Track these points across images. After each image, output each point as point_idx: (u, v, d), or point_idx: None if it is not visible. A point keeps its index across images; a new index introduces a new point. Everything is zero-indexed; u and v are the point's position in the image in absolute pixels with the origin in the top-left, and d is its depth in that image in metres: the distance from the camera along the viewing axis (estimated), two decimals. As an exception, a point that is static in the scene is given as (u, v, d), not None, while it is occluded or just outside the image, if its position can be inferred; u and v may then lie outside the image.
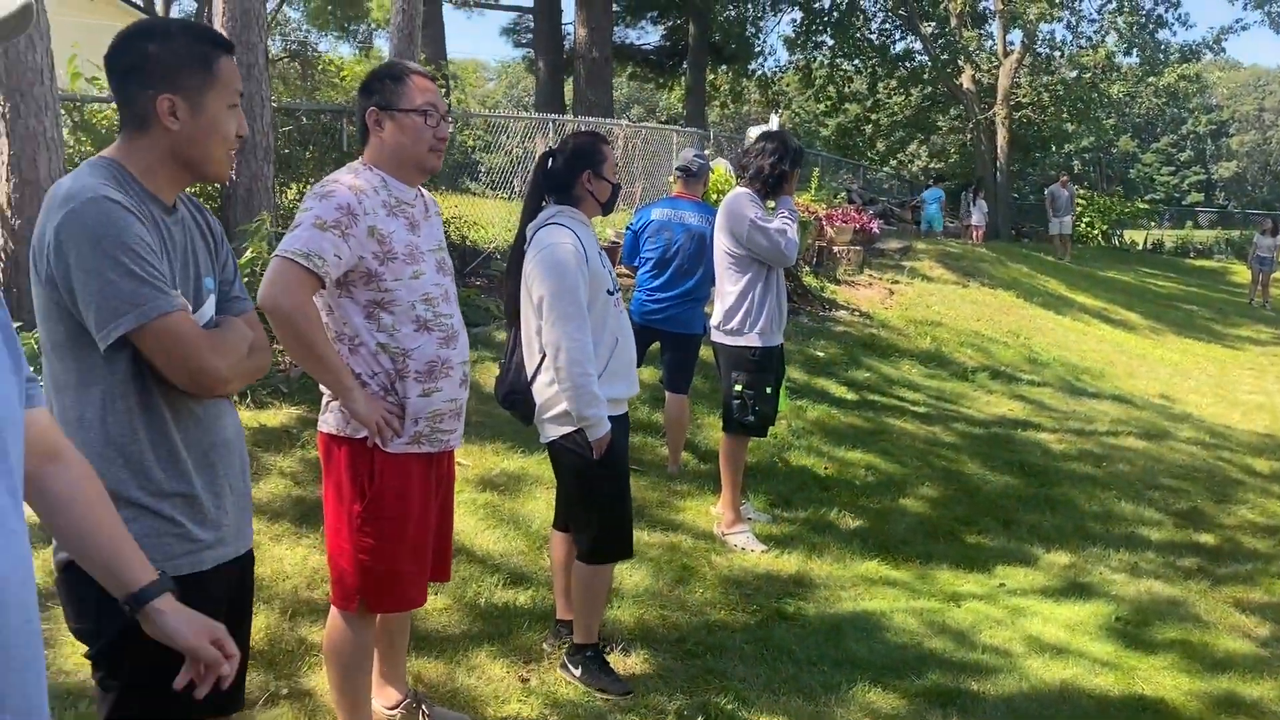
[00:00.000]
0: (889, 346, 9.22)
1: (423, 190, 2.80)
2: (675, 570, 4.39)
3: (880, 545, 5.11)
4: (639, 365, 5.68)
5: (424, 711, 3.01)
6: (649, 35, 27.97)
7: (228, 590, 2.03)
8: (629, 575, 4.21)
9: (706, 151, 11.20)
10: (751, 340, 4.79)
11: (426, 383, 2.66)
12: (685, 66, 25.82)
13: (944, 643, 4.04)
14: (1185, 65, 25.83)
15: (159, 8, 17.87)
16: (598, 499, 3.33)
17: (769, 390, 4.87)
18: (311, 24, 28.02)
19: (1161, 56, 25.35)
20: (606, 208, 3.47)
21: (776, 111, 13.81)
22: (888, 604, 4.38)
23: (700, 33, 23.63)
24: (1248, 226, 36.73)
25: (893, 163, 34.39)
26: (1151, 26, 25.80)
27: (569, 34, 21.90)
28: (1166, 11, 25.98)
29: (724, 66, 27.82)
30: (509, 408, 3.46)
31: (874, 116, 31.78)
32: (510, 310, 3.47)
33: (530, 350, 3.33)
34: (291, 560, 3.91)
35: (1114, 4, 25.17)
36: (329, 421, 2.67)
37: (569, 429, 3.26)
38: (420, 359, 2.65)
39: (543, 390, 3.30)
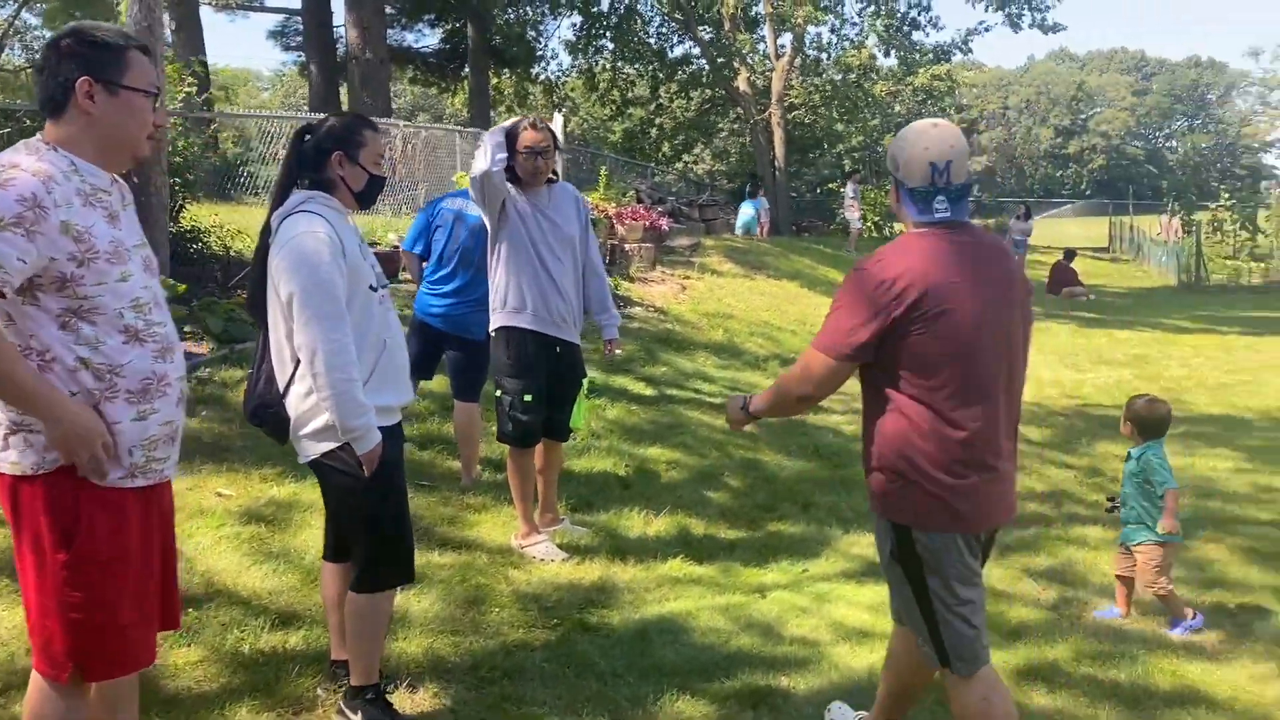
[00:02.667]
0: (684, 340, 9.19)
1: (117, 176, 2.37)
2: (469, 590, 4.06)
3: (683, 542, 4.95)
4: (432, 370, 5.38)
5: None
6: (428, 38, 27.26)
7: None
8: (416, 601, 3.85)
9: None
10: (497, 329, 4.53)
11: (141, 404, 2.25)
12: (467, 70, 25.32)
13: (752, 638, 3.91)
14: (937, 65, 27.56)
15: None
16: (370, 520, 2.97)
17: (528, 399, 4.51)
18: (48, 26, 25.68)
19: (917, 57, 26.96)
20: (363, 200, 3.08)
21: (560, 111, 13.58)
22: (693, 603, 4.21)
23: (479, 35, 23.22)
24: (1000, 214, 39.85)
25: (679, 165, 35.06)
26: (906, 29, 27.43)
27: (341, 36, 20.96)
28: (919, 14, 27.72)
29: (506, 70, 27.50)
30: (258, 424, 3.05)
31: (658, 120, 32.29)
32: (255, 312, 3.05)
33: (281, 358, 2.93)
34: None
35: (872, 7, 26.57)
36: (10, 459, 2.20)
37: (332, 444, 2.88)
38: (133, 376, 2.24)
39: (298, 402, 2.90)
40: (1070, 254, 21.87)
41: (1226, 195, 25.57)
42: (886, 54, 27.58)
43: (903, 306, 2.43)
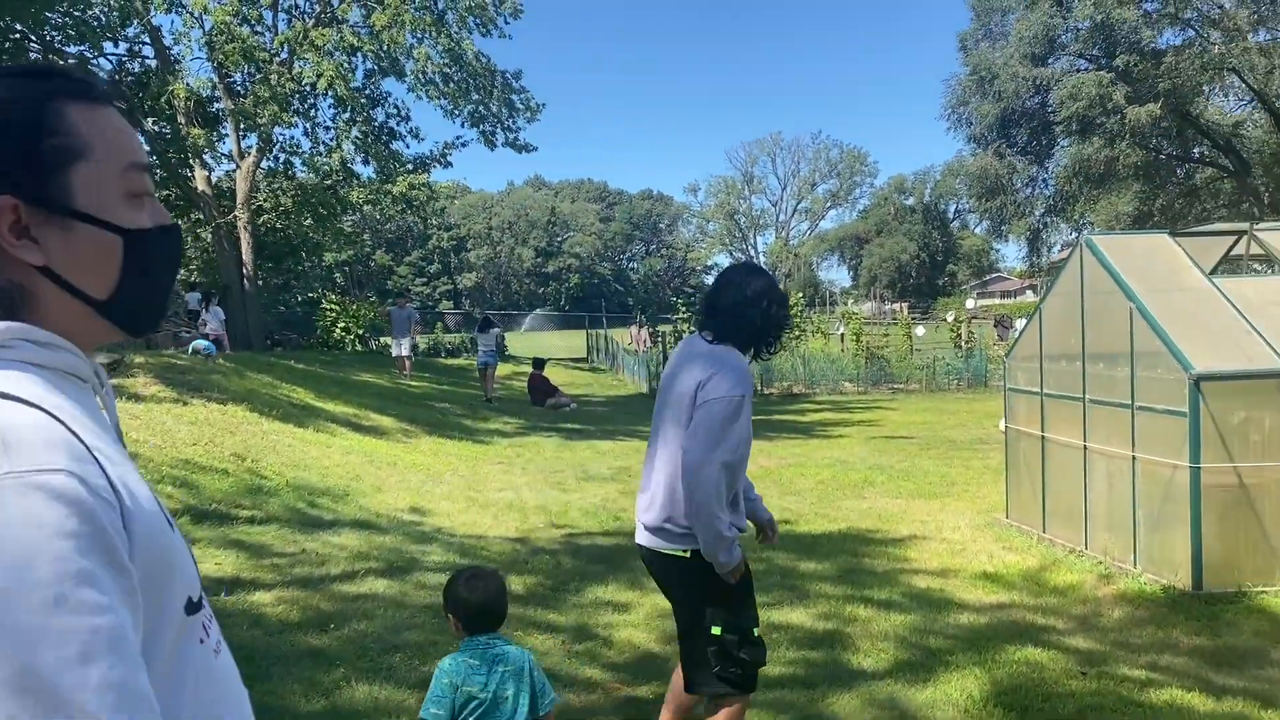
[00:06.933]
0: (46, 498, 6.53)
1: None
2: None
3: None
4: None
5: None
6: None
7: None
8: None
9: None
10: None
11: None
12: None
13: None
14: (416, 175, 26.97)
15: None
16: None
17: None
18: None
19: (396, 166, 26.11)
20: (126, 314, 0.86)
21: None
22: None
23: None
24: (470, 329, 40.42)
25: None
26: (385, 137, 26.54)
27: None
28: (398, 124, 27.01)
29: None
30: None
31: (98, 218, 27.86)
32: None
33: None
34: None
35: (348, 114, 25.29)
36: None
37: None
38: None
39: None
40: (540, 363, 21.58)
41: (683, 309, 27.76)
42: (366, 162, 26.40)
43: None
